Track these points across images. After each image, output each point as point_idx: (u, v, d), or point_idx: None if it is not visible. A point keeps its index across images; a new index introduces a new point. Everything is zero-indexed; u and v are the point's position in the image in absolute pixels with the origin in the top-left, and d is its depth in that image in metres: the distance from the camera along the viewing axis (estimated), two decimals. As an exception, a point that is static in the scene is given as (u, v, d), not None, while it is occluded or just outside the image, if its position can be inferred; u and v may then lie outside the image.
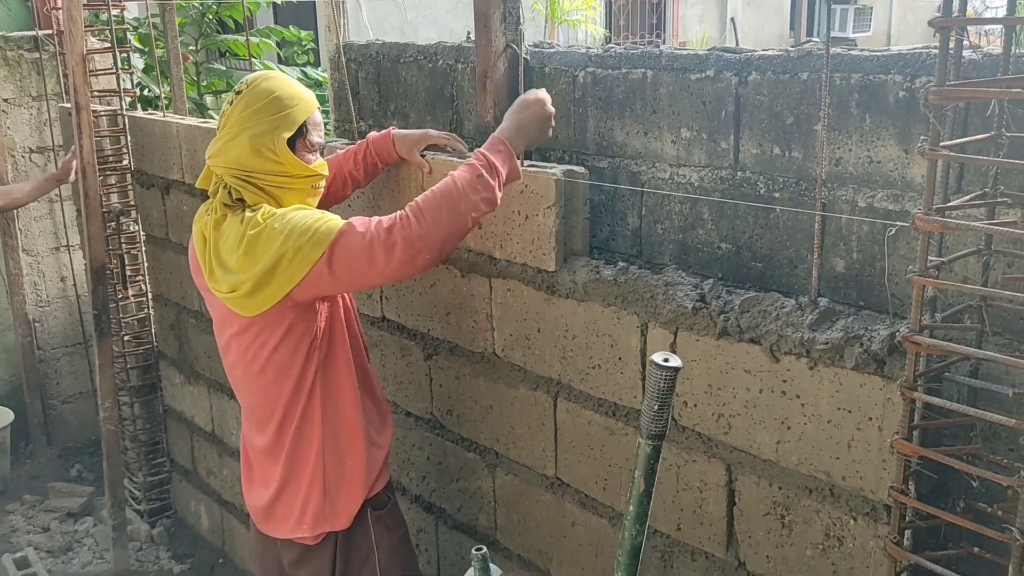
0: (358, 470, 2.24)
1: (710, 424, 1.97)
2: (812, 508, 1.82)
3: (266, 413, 2.22)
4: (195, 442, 4.00)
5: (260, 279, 2.02)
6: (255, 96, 2.07)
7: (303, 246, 1.98)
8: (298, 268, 2.00)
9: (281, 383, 2.17)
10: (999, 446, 1.63)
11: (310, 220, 2.01)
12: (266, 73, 2.16)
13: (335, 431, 2.22)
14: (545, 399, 2.33)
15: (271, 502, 2.28)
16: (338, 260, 1.99)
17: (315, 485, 2.22)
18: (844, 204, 1.99)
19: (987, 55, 1.72)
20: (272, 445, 2.24)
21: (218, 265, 2.11)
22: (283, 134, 2.07)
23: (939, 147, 1.42)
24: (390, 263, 1.98)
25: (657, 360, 1.10)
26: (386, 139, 2.46)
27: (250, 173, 2.08)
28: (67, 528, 4.28)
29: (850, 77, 1.95)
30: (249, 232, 2.03)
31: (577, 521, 2.33)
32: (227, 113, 2.09)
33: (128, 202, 3.92)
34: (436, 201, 1.99)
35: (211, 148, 2.12)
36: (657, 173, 2.36)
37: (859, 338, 1.68)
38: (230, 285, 2.08)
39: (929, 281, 1.45)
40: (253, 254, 2.02)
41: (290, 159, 2.08)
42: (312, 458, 2.21)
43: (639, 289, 2.05)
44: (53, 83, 4.84)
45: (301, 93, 2.12)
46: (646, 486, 1.18)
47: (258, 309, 2.08)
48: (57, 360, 5.05)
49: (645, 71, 2.33)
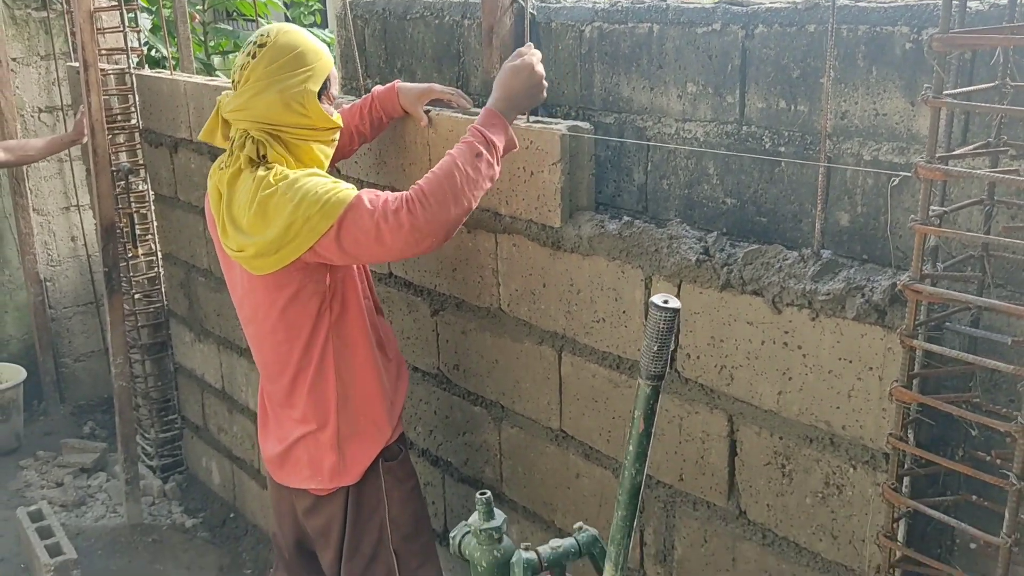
0: (371, 425, 2.28)
1: (712, 376, 1.99)
2: (812, 457, 1.84)
3: (279, 369, 2.26)
4: (206, 399, 4.05)
5: (269, 244, 2.05)
6: (280, 49, 2.08)
7: (312, 216, 2.01)
8: (306, 238, 2.03)
9: (293, 340, 2.20)
10: (999, 397, 1.65)
11: (321, 190, 2.02)
12: (283, 26, 2.16)
13: (348, 387, 2.25)
14: (550, 353, 2.36)
15: (284, 453, 2.32)
16: (345, 235, 2.02)
17: (328, 440, 2.25)
18: (849, 157, 1.99)
19: (994, 5, 1.71)
20: (287, 398, 2.28)
21: (230, 222, 2.14)
22: (312, 88, 2.09)
23: (942, 95, 1.42)
24: (396, 244, 2.02)
25: (657, 301, 1.12)
26: (390, 93, 2.47)
27: (278, 127, 2.10)
28: (80, 483, 4.35)
29: (857, 29, 1.93)
30: (261, 193, 2.05)
31: (581, 473, 2.36)
32: (251, 66, 2.08)
33: (137, 161, 3.94)
34: (439, 184, 2.02)
35: (233, 102, 2.12)
36: (663, 128, 2.36)
37: (861, 289, 1.69)
38: (240, 244, 2.11)
39: (930, 229, 1.46)
40: (264, 217, 2.04)
41: (318, 112, 2.11)
42: (326, 413, 2.25)
43: (643, 243, 2.06)
44: (61, 42, 4.84)
45: (321, 47, 2.15)
46: (645, 426, 1.20)
47: (267, 270, 2.12)
48: (69, 319, 5.10)
49: (651, 25, 2.32)
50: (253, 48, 2.10)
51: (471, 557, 1.66)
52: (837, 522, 1.83)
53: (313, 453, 2.28)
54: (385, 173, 2.68)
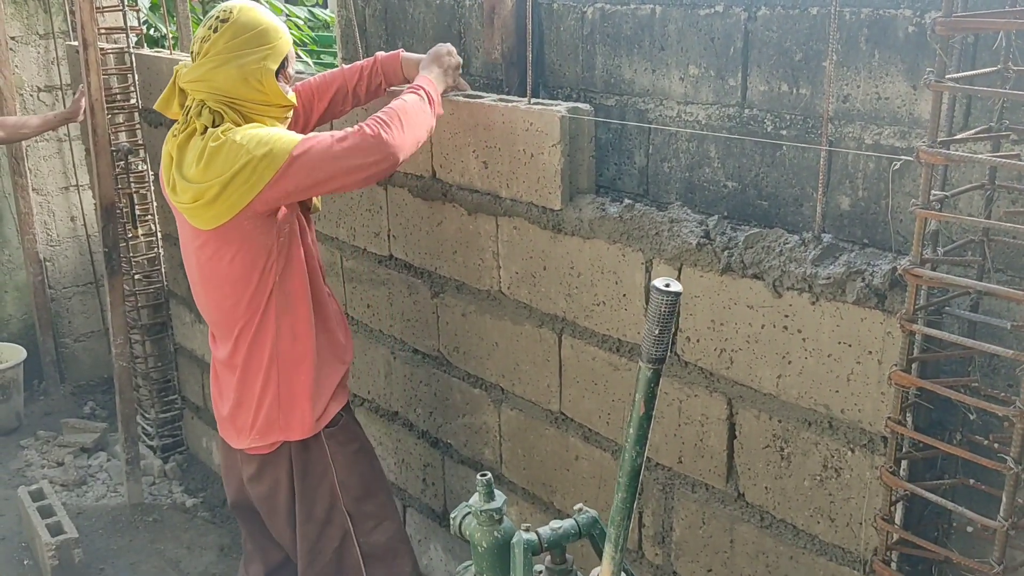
0: (308, 385, 2.33)
1: (712, 359, 2.00)
2: (811, 440, 1.85)
3: (225, 327, 2.32)
4: (205, 380, 4.06)
5: (222, 188, 2.09)
6: (242, 26, 2.15)
7: (267, 155, 2.08)
8: (261, 176, 2.08)
9: (238, 296, 2.25)
10: (998, 381, 1.65)
11: (273, 133, 2.11)
12: (246, 4, 2.21)
13: (288, 347, 2.30)
14: (550, 336, 2.36)
15: (231, 412, 2.39)
16: (303, 163, 2.09)
17: (267, 397, 2.31)
18: (851, 141, 1.99)
19: (998, -11, 1.70)
20: (230, 357, 2.34)
21: (180, 178, 2.18)
22: (271, 66, 2.16)
23: (945, 79, 1.41)
24: (351, 157, 2.10)
25: (659, 285, 1.12)
26: (394, 60, 2.49)
27: (234, 100, 2.16)
28: (81, 463, 4.37)
29: (860, 12, 1.93)
30: (211, 144, 2.11)
31: (581, 455, 2.37)
32: (212, 40, 2.14)
33: (136, 141, 3.93)
34: (395, 114, 2.15)
35: (191, 72, 2.18)
36: (664, 111, 2.35)
37: (861, 273, 1.70)
38: (192, 195, 2.15)
39: (931, 214, 1.46)
40: (214, 165, 2.10)
41: (274, 89, 2.18)
42: (264, 371, 2.30)
43: (644, 226, 2.06)
44: (60, 21, 4.81)
45: (281, 27, 2.23)
46: (646, 409, 1.21)
47: (217, 221, 2.15)
48: (68, 299, 5.10)
49: (654, 7, 2.31)
50: (215, 22, 2.16)
51: (471, 538, 1.67)
52: (835, 505, 1.84)
53: (253, 411, 2.33)
54: (385, 155, 2.67)
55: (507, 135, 2.28)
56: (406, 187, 2.64)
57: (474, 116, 2.36)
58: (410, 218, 2.66)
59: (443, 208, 2.54)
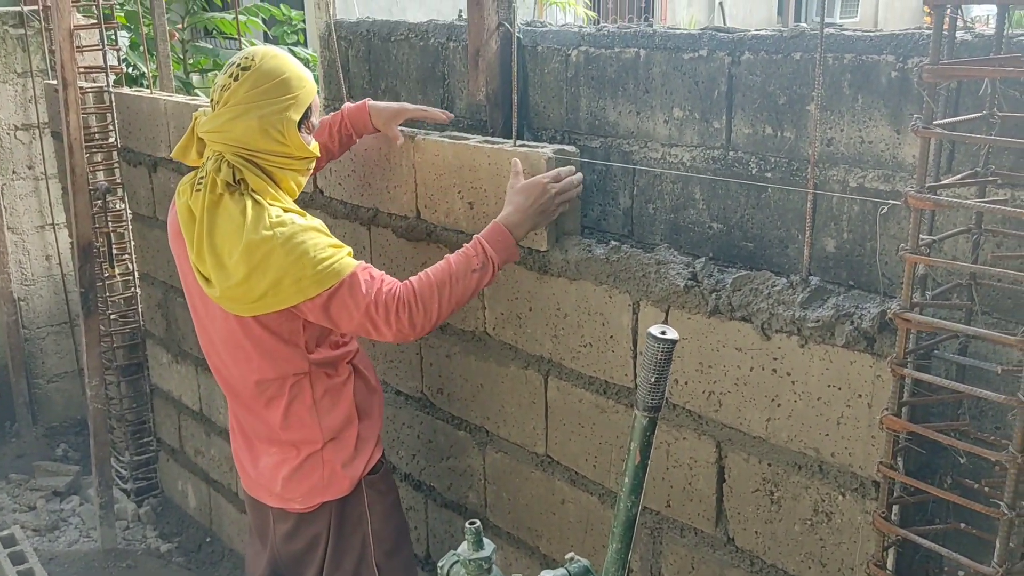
0: (352, 443, 2.26)
1: (701, 401, 1.99)
2: (801, 484, 1.84)
3: (257, 393, 2.22)
4: (182, 421, 3.99)
5: (251, 291, 2.02)
6: (264, 74, 2.03)
7: (303, 279, 1.99)
8: (291, 296, 2.02)
9: (276, 362, 2.17)
10: (986, 424, 1.65)
11: (321, 255, 2.00)
12: (270, 50, 2.11)
13: (330, 407, 2.23)
14: (536, 377, 2.34)
15: (268, 474, 2.28)
16: (333, 306, 2.03)
17: (312, 462, 2.22)
18: (835, 184, 2.00)
19: (979, 35, 1.73)
20: (264, 419, 2.24)
21: (210, 252, 2.06)
22: (293, 116, 2.06)
23: (932, 126, 1.43)
24: (379, 333, 2.06)
25: (654, 332, 1.11)
26: (361, 111, 2.45)
27: (253, 153, 2.05)
28: (53, 507, 4.27)
29: (843, 57, 1.95)
30: (253, 236, 1.99)
31: (567, 499, 2.34)
32: (232, 88, 2.03)
33: (114, 180, 3.90)
34: (432, 291, 2.05)
35: (210, 123, 2.07)
36: (649, 153, 2.36)
37: (850, 316, 1.70)
38: (218, 280, 2.05)
39: (920, 259, 1.47)
40: (251, 261, 2.00)
41: (296, 141, 2.07)
42: (306, 435, 2.22)
43: (631, 268, 2.06)
44: (39, 59, 4.79)
45: (306, 74, 2.11)
46: (642, 458, 1.19)
47: (241, 313, 2.08)
48: (42, 339, 5.02)
49: (638, 50, 2.33)
50: (236, 70, 2.05)
51: (459, 587, 1.64)
52: (826, 550, 1.82)
53: (299, 478, 2.24)
54: (369, 195, 2.66)
55: (493, 176, 2.28)
56: (390, 227, 2.63)
57: (459, 157, 2.36)
58: (394, 258, 2.65)
59: (427, 249, 2.53)
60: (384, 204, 2.62)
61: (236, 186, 2.06)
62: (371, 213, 2.67)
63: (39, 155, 4.87)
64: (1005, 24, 1.50)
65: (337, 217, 2.79)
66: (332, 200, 2.80)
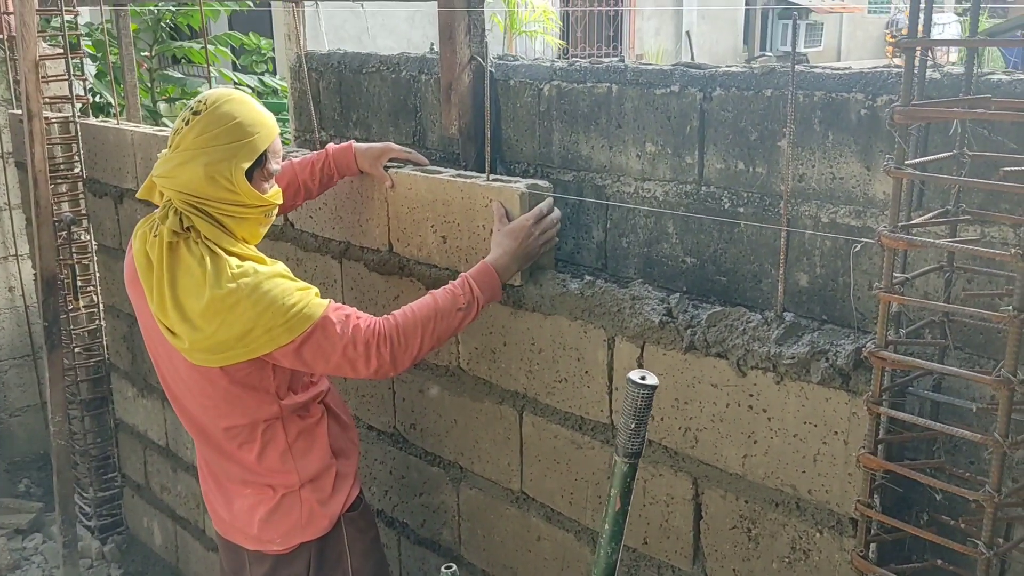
0: (330, 483, 2.21)
1: (677, 438, 1.98)
2: (778, 521, 1.83)
3: (226, 439, 2.16)
4: (148, 456, 3.92)
5: (220, 344, 1.97)
6: (214, 120, 1.96)
7: (274, 328, 1.95)
8: (262, 345, 1.97)
9: (245, 408, 2.11)
10: (959, 459, 1.66)
11: (289, 301, 1.95)
12: (227, 93, 2.04)
13: (305, 449, 2.18)
14: (511, 413, 2.32)
15: (243, 518, 2.22)
16: (307, 351, 1.99)
17: (287, 505, 2.18)
18: (807, 219, 2.02)
19: (947, 74, 1.75)
20: (237, 462, 2.19)
21: (174, 307, 1.99)
22: (242, 164, 1.97)
23: (904, 166, 1.44)
24: (357, 371, 2.02)
25: (634, 378, 1.10)
26: (347, 152, 2.43)
27: (202, 200, 1.98)
28: (15, 545, 4.16)
29: (813, 95, 1.97)
30: (217, 290, 1.94)
31: (543, 535, 2.32)
32: (182, 132, 1.97)
33: (80, 211, 3.83)
34: (415, 328, 2.02)
35: (161, 166, 2.00)
36: (622, 187, 2.37)
37: (825, 353, 1.70)
38: (182, 332, 1.99)
39: (895, 298, 1.47)
40: (217, 315, 1.94)
41: (246, 189, 2.00)
42: (283, 471, 2.17)
43: (606, 303, 2.05)
44: (3, 89, 4.72)
45: (264, 119, 2.03)
46: (622, 504, 1.18)
47: (210, 364, 2.03)
48: (4, 372, 4.92)
49: (610, 85, 2.34)
50: (188, 114, 1.98)
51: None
52: (804, 587, 1.81)
53: (273, 512, 2.19)
54: (341, 228, 2.64)
55: (466, 211, 2.27)
56: (362, 261, 2.61)
57: (432, 191, 2.35)
58: (366, 292, 2.62)
59: (400, 283, 2.51)
60: (356, 237, 2.60)
61: (185, 233, 1.99)
62: (343, 246, 2.65)
63: (2, 185, 4.79)
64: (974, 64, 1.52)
65: (308, 250, 2.76)
66: (303, 233, 2.77)
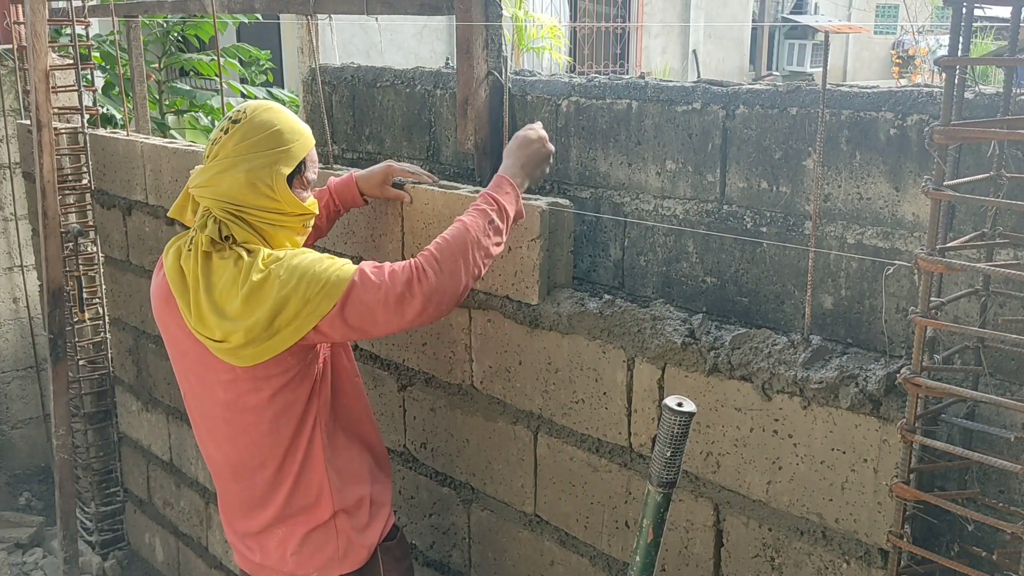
0: (367, 512, 2.15)
1: (698, 462, 1.93)
2: (803, 551, 1.78)
3: (256, 463, 2.08)
4: (151, 471, 3.87)
5: (263, 327, 1.91)
6: (254, 127, 1.96)
7: (312, 297, 1.90)
8: (307, 320, 1.91)
9: (280, 430, 2.04)
10: (989, 488, 1.61)
11: (319, 268, 1.91)
12: (266, 103, 2.04)
13: (342, 469, 2.12)
14: (525, 433, 2.28)
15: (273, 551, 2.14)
16: (351, 312, 1.91)
17: (323, 527, 2.11)
18: (833, 240, 1.98)
19: (980, 94, 1.72)
20: (269, 493, 2.10)
21: (212, 311, 1.95)
22: (283, 170, 1.97)
23: (943, 187, 1.40)
24: (406, 316, 1.92)
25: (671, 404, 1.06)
26: (348, 185, 2.38)
27: (242, 208, 1.97)
28: (15, 560, 4.10)
29: (840, 113, 1.94)
30: (252, 278, 1.91)
31: (556, 560, 2.27)
32: (221, 141, 1.96)
33: (87, 222, 3.80)
34: (451, 250, 1.95)
35: (198, 177, 1.99)
36: (641, 204, 2.33)
37: (854, 378, 1.65)
38: (225, 333, 1.94)
39: (932, 322, 1.43)
40: (255, 301, 1.91)
41: (287, 196, 1.98)
42: (319, 500, 2.09)
43: (626, 323, 2.01)
44: (12, 99, 4.71)
45: (301, 128, 2.03)
46: (655, 536, 1.13)
47: (258, 359, 1.96)
48: (7, 384, 4.87)
49: (630, 102, 2.31)
50: (227, 123, 1.98)
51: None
52: (830, 619, 1.76)
53: (305, 542, 2.11)
54: (353, 243, 2.60)
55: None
56: (374, 277, 2.56)
57: (450, 207, 2.31)
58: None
59: (413, 300, 2.46)
60: (368, 253, 2.56)
61: (223, 243, 1.97)
62: (355, 262, 2.61)
63: (9, 195, 4.76)
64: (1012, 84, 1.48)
65: (319, 265, 2.72)
66: (315, 248, 2.73)
